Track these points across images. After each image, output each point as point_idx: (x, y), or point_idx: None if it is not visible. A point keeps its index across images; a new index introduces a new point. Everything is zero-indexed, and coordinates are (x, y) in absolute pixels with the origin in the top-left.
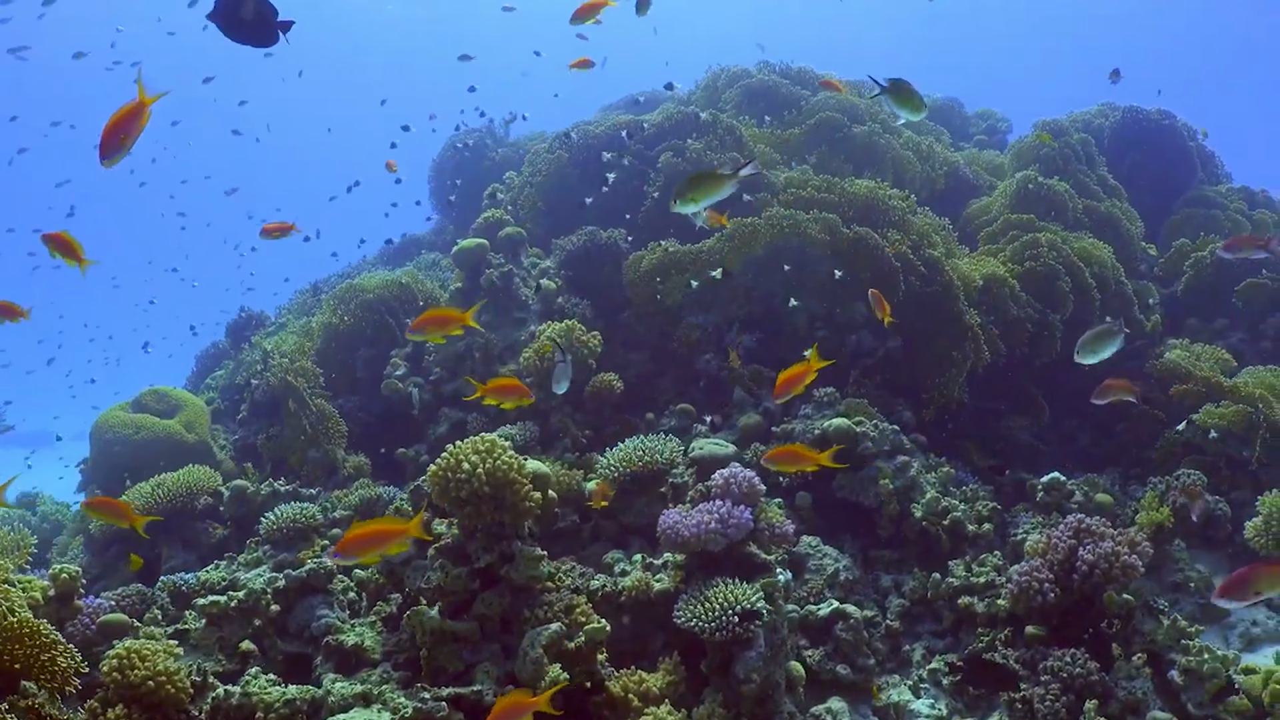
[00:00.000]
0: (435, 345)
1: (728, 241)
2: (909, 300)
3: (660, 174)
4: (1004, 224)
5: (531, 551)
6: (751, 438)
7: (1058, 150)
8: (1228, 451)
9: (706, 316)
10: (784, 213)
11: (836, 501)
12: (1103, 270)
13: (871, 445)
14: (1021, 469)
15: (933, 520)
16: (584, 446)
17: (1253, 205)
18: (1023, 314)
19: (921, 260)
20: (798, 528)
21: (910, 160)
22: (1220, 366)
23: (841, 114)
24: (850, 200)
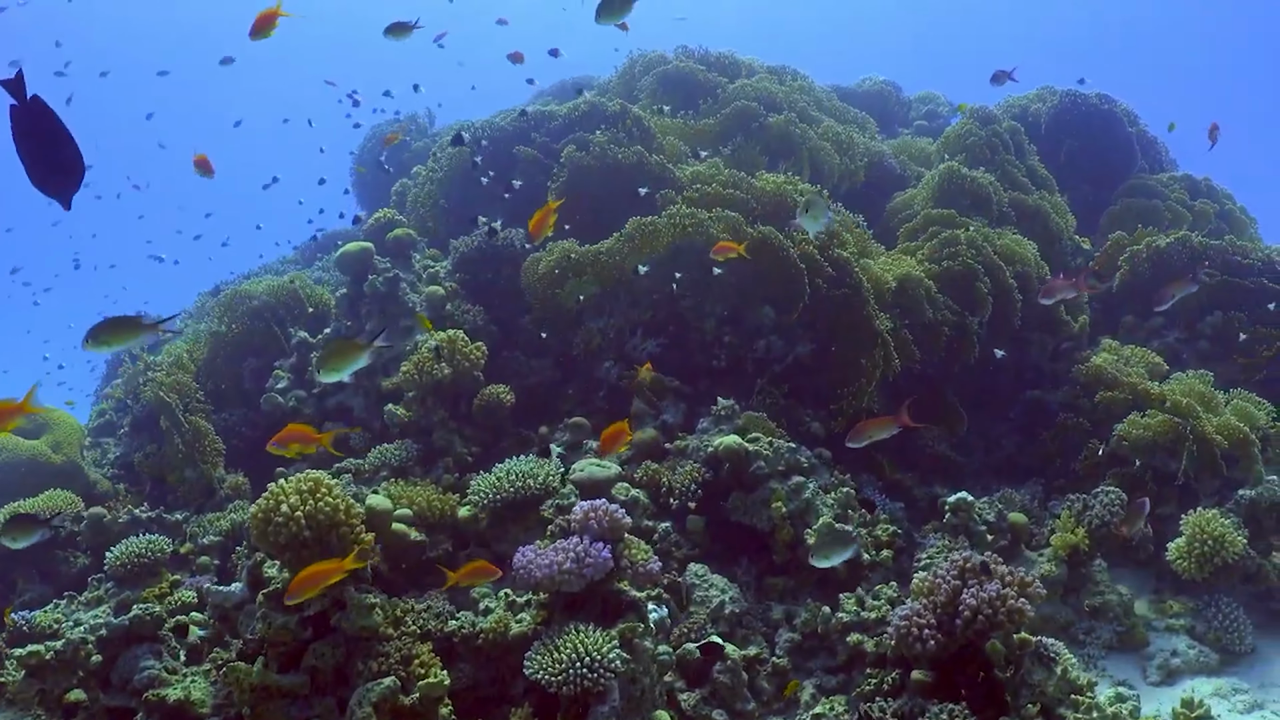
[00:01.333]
0: (318, 356)
1: (627, 242)
2: (820, 303)
3: (564, 169)
4: (924, 220)
5: (362, 599)
6: (646, 454)
7: (984, 139)
8: (1154, 464)
9: (607, 321)
10: (686, 211)
11: (735, 522)
12: (1026, 269)
13: (764, 465)
14: (939, 482)
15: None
16: (469, 465)
17: (1194, 194)
18: (940, 317)
19: (829, 261)
20: (688, 553)
21: (827, 151)
22: (1150, 371)
23: (758, 103)
24: (759, 197)
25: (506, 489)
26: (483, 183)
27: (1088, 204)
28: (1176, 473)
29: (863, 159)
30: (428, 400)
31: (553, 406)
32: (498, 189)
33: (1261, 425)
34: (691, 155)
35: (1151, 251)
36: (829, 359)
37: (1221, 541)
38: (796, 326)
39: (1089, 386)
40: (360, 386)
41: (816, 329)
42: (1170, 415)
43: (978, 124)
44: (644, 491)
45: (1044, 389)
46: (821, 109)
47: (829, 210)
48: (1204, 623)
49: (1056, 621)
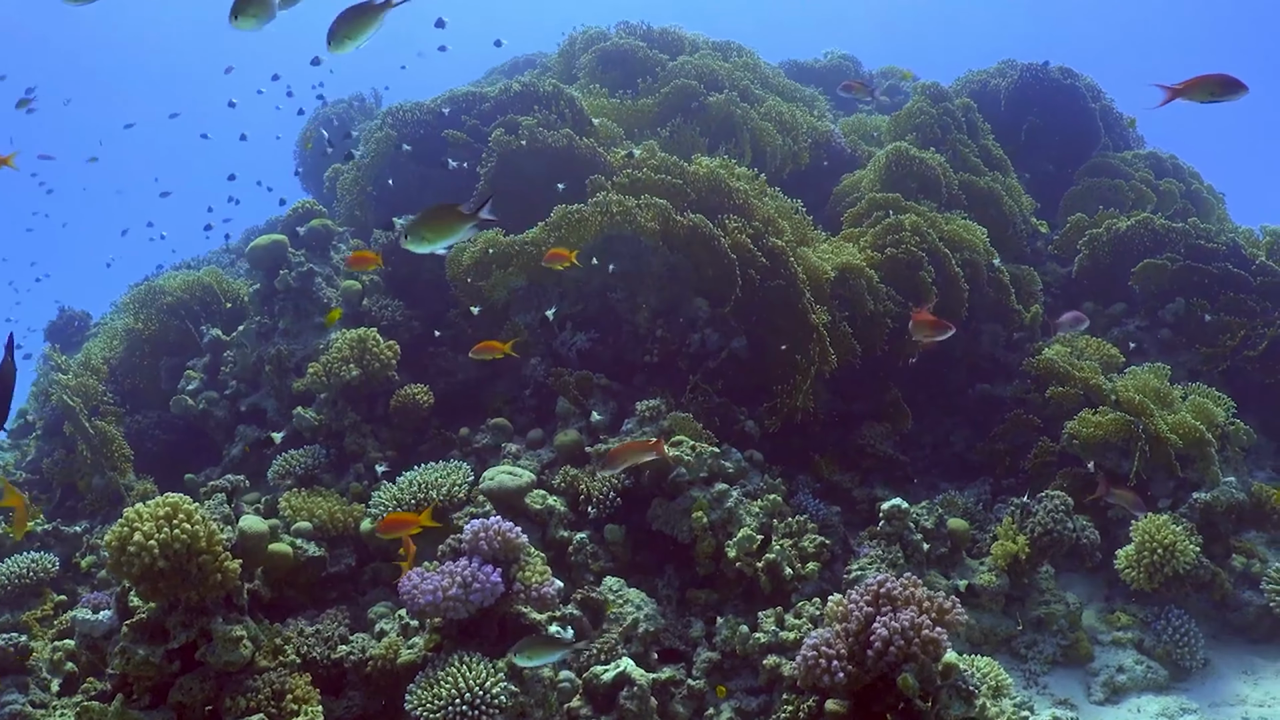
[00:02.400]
0: (233, 355)
1: (553, 231)
2: (754, 296)
3: (493, 154)
4: (868, 204)
5: (228, 631)
6: (568, 458)
7: (936, 118)
8: (1106, 464)
9: (535, 314)
10: (614, 199)
11: (659, 530)
12: (974, 256)
13: (685, 472)
14: (881, 483)
15: (747, 562)
16: (383, 474)
17: (1160, 173)
18: (882, 308)
19: (764, 251)
20: (605, 565)
21: (769, 132)
22: (1105, 364)
23: (699, 81)
24: (692, 182)
25: (408, 501)
26: (412, 168)
27: (1052, 183)
28: (1129, 473)
29: (807, 139)
30: (338, 402)
31: (481, 404)
32: (431, 175)
33: (1220, 422)
34: (627, 137)
35: (1112, 235)
36: (765, 354)
37: (1172, 551)
38: (732, 320)
39: (1040, 381)
40: (273, 388)
41: (752, 322)
42: (1123, 413)
43: (929, 101)
44: (562, 499)
45: (995, 383)
46: (768, 87)
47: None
48: (1153, 636)
49: (997, 635)
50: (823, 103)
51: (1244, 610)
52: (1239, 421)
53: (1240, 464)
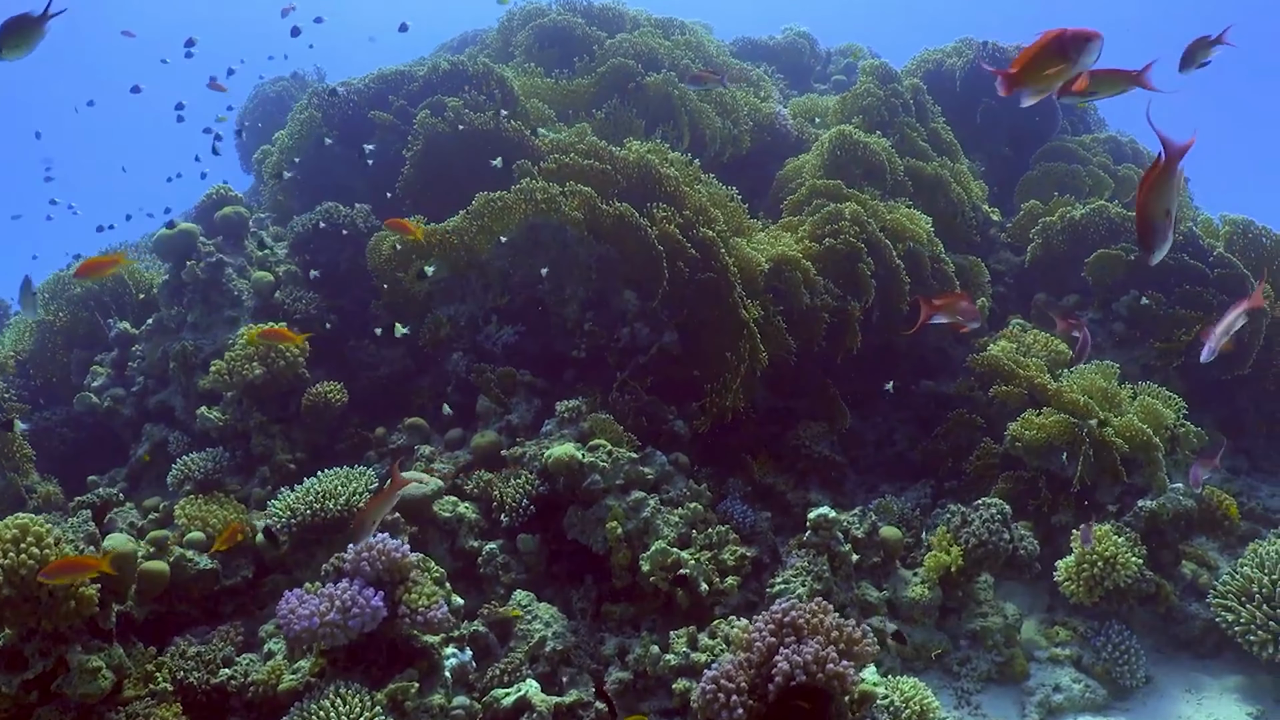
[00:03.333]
0: (142, 350)
1: (475, 220)
2: (684, 289)
3: (419, 137)
4: (809, 191)
5: (86, 661)
6: (485, 461)
7: (883, 100)
8: (1049, 468)
9: (459, 307)
10: (537, 185)
11: (574, 540)
12: (917, 246)
13: (600, 479)
14: (818, 485)
15: (661, 576)
16: (293, 474)
17: (1119, 158)
18: (819, 302)
19: (693, 241)
20: (517, 577)
21: (707, 114)
22: (1053, 360)
23: (637, 60)
24: (622, 168)
25: (303, 512)
26: (339, 152)
27: (1009, 167)
28: (1073, 478)
29: (748, 122)
30: (244, 402)
31: (405, 400)
32: (355, 158)
33: (1169, 424)
34: (562, 120)
35: (1066, 223)
36: (697, 349)
37: (1113, 563)
38: (662, 313)
39: (985, 378)
40: (180, 386)
41: (683, 316)
42: (1066, 415)
43: (876, 82)
44: (474, 506)
45: (940, 379)
46: (711, 66)
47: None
48: (1092, 653)
49: (929, 651)
50: (769, 84)
51: (1190, 624)
52: (1189, 424)
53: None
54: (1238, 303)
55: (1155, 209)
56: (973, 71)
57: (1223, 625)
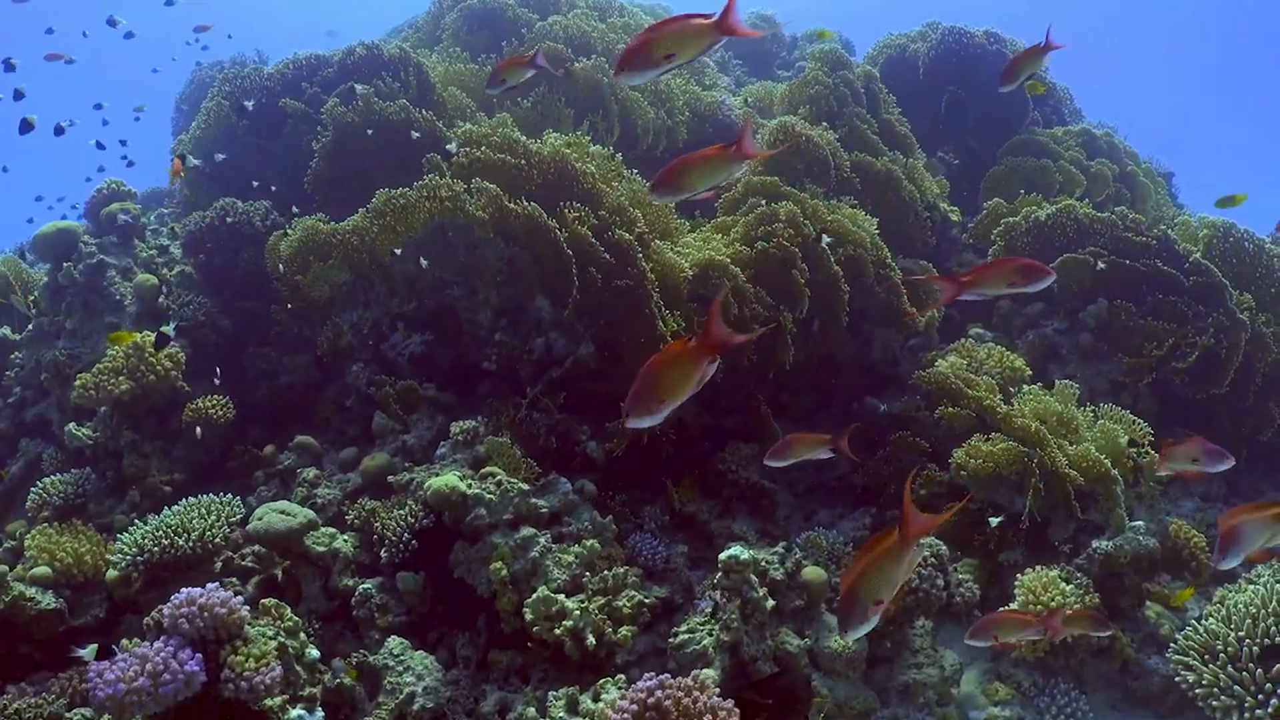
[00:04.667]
0: (20, 357)
1: (376, 219)
2: (600, 296)
3: (328, 127)
4: (744, 189)
5: None
6: (373, 487)
7: (832, 88)
8: (997, 500)
9: (362, 313)
10: (441, 182)
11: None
12: (860, 251)
13: (486, 514)
14: (744, 514)
15: (545, 626)
16: (169, 497)
17: (1093, 152)
18: (749, 312)
19: (608, 245)
20: (395, 620)
21: (638, 103)
22: (1008, 378)
23: (566, 44)
24: (537, 163)
25: (152, 549)
26: (251, 142)
27: (976, 162)
28: (1023, 513)
29: (685, 112)
30: (114, 418)
31: (309, 413)
32: (272, 148)
33: (1132, 452)
34: (485, 109)
35: (1031, 224)
36: (614, 363)
37: None
38: (577, 323)
39: (932, 397)
40: (56, 398)
41: (600, 327)
42: (1016, 443)
43: (825, 69)
44: (355, 538)
45: (887, 396)
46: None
47: None
48: (1034, 714)
49: (853, 708)
50: (714, 71)
51: (1149, 679)
52: (1154, 452)
53: (1156, 500)
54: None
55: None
56: (938, 58)
57: (1183, 686)
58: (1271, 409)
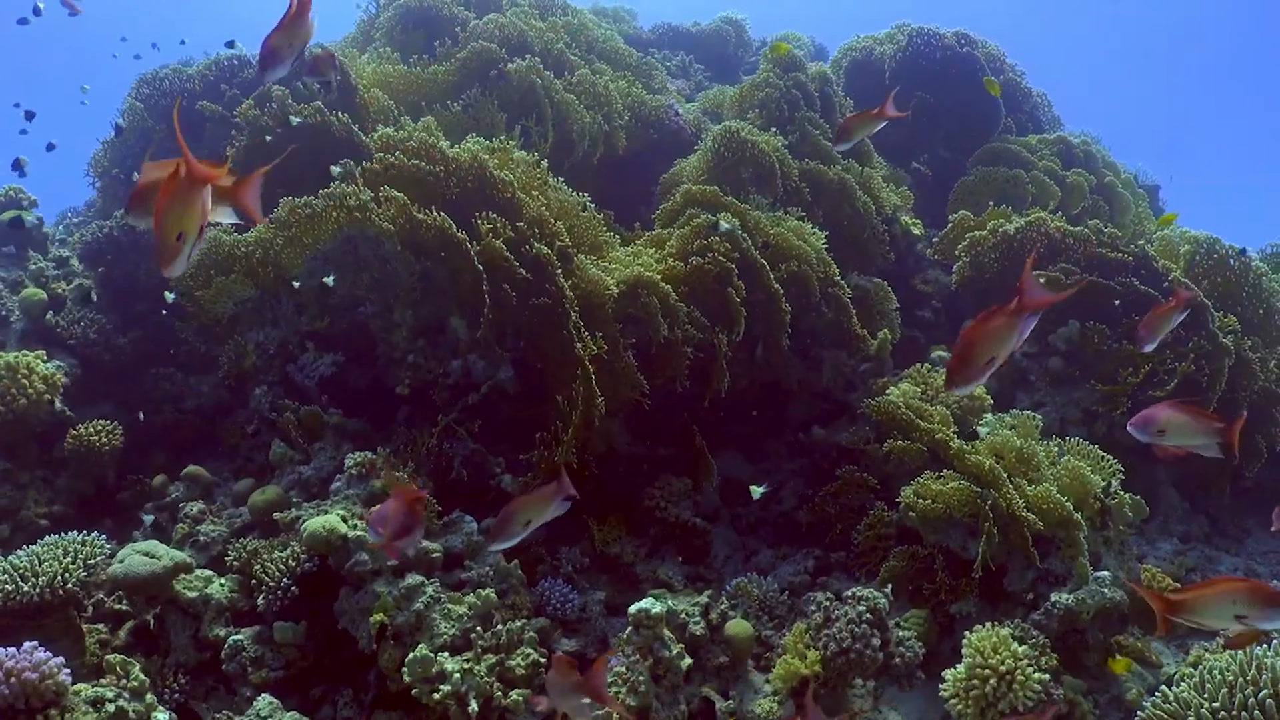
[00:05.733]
0: None
1: (281, 230)
2: (522, 314)
3: (244, 132)
4: (683, 199)
5: None
6: (263, 524)
7: (783, 91)
8: (948, 545)
9: (269, 332)
10: (348, 190)
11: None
12: (804, 268)
13: (369, 559)
14: (673, 555)
15: (425, 689)
16: (45, 532)
17: (1069, 162)
18: (682, 333)
19: (525, 259)
20: (270, 675)
21: (574, 106)
22: (965, 408)
23: (501, 45)
24: (456, 171)
25: None
26: (168, 147)
27: (949, 172)
28: (975, 560)
29: (624, 116)
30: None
31: (217, 439)
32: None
33: (1098, 492)
34: (415, 113)
35: (999, 239)
36: (535, 389)
37: (1009, 680)
38: (495, 345)
39: (883, 428)
40: None
41: (519, 349)
42: (969, 483)
43: (778, 71)
44: (234, 582)
45: (836, 424)
46: (594, 52)
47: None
48: None
49: None
50: (662, 74)
51: None
52: (1122, 493)
53: (1125, 545)
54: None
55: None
56: (906, 61)
57: None
58: (1258, 442)
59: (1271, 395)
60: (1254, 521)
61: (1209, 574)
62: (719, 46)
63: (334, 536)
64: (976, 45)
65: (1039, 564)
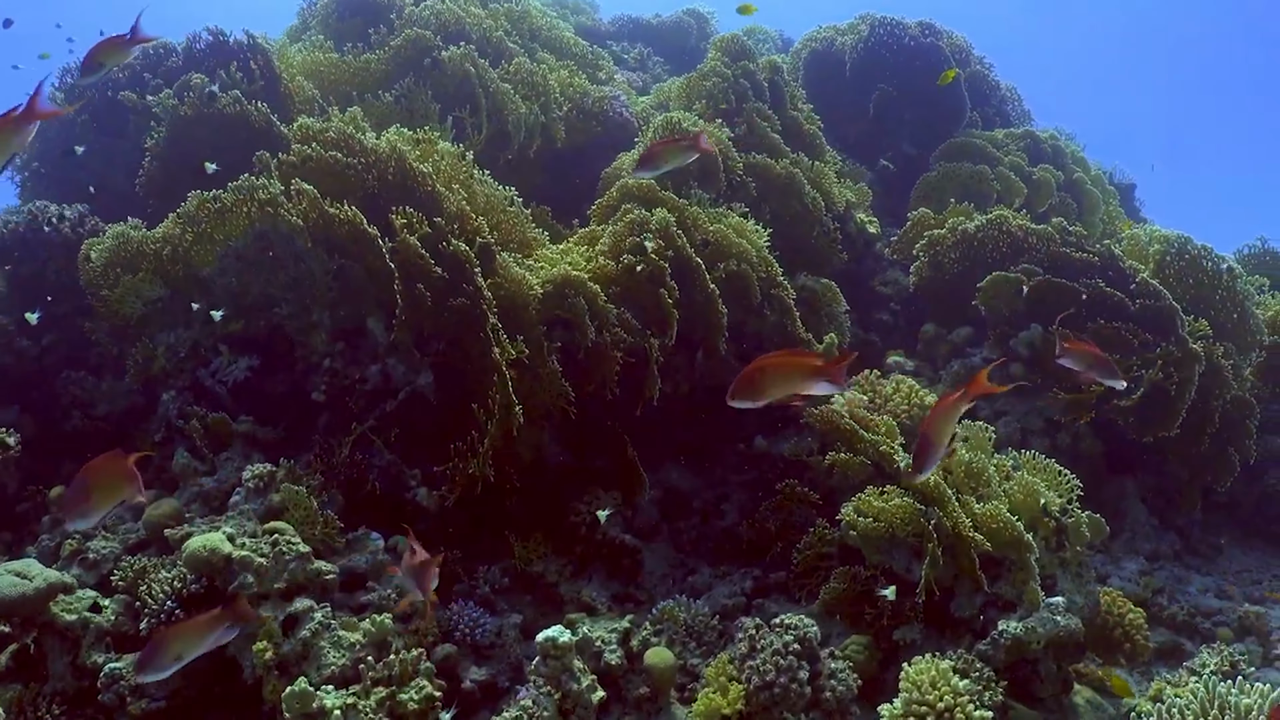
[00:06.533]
0: None
1: (189, 225)
2: (435, 317)
3: (162, 123)
4: (620, 194)
5: None
6: (156, 541)
7: (731, 81)
8: (891, 566)
9: (181, 334)
10: (258, 183)
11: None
12: (744, 266)
13: (254, 581)
14: (602, 575)
15: None
16: None
17: (1036, 158)
18: (611, 337)
19: (442, 257)
20: (150, 706)
21: (509, 96)
22: (915, 418)
23: (437, 32)
24: (376, 163)
25: None
26: (97, 140)
27: (913, 168)
28: (919, 583)
29: (563, 108)
30: None
31: (130, 447)
32: (118, 146)
33: (1054, 510)
34: (345, 102)
35: (959, 238)
36: (456, 396)
37: (949, 718)
38: (417, 349)
39: (828, 439)
40: None
41: (439, 352)
42: (912, 500)
43: (727, 60)
44: (119, 603)
45: (781, 435)
46: (538, 41)
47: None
48: None
49: None
50: (609, 64)
51: None
52: (1079, 512)
53: (1084, 567)
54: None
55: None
56: (868, 53)
57: None
58: (1231, 455)
59: (1244, 404)
60: (1228, 538)
61: (1178, 596)
62: (680, 39)
63: (215, 557)
64: (941, 36)
65: (987, 588)
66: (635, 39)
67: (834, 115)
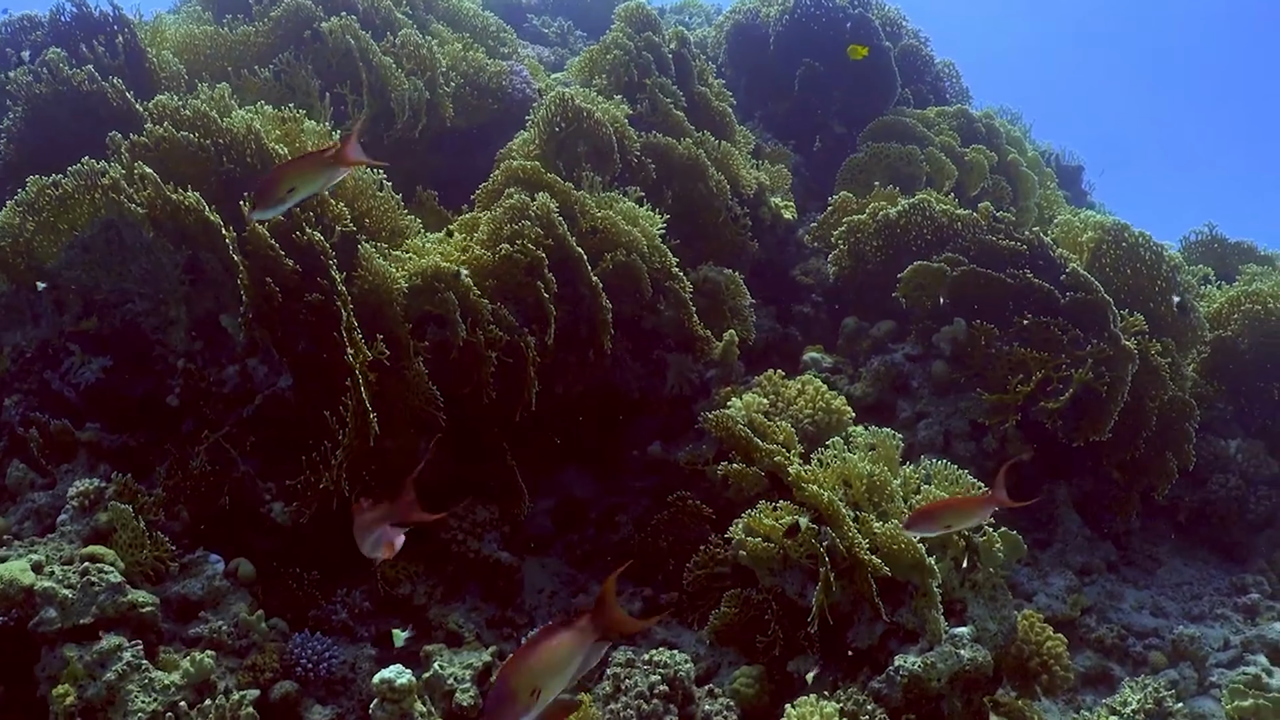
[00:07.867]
0: None
1: (29, 214)
2: (297, 312)
3: (19, 102)
4: (505, 177)
5: None
6: None
7: (634, 53)
8: (785, 589)
9: (29, 331)
10: (100, 168)
11: None
12: (633, 257)
13: (58, 616)
14: (477, 597)
15: None
16: None
17: (969, 138)
18: (485, 335)
19: (295, 248)
20: None
21: (392, 71)
22: (820, 424)
23: (319, 2)
24: (231, 145)
25: None
26: None
27: (842, 149)
28: (811, 609)
29: (454, 83)
30: None
31: None
32: None
33: (965, 530)
34: (225, 79)
35: (880, 224)
36: (314, 400)
37: None
38: (276, 349)
39: (724, 446)
40: None
41: (297, 353)
42: (808, 518)
43: (629, 31)
44: None
45: (679, 441)
46: (433, 13)
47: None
48: None
49: None
50: (513, 38)
51: None
52: (992, 530)
53: (998, 590)
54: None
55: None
56: (794, 25)
57: None
58: (1169, 460)
59: (1183, 406)
60: (1168, 547)
61: (1109, 614)
62: (606, 13)
63: (13, 589)
64: (870, 7)
65: (887, 617)
66: (558, 12)
67: (760, 91)
